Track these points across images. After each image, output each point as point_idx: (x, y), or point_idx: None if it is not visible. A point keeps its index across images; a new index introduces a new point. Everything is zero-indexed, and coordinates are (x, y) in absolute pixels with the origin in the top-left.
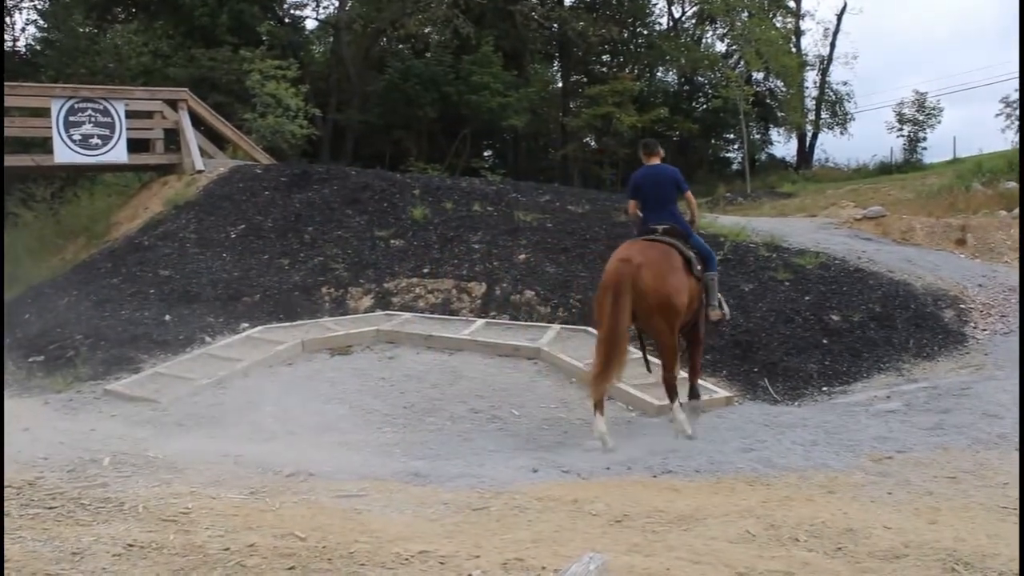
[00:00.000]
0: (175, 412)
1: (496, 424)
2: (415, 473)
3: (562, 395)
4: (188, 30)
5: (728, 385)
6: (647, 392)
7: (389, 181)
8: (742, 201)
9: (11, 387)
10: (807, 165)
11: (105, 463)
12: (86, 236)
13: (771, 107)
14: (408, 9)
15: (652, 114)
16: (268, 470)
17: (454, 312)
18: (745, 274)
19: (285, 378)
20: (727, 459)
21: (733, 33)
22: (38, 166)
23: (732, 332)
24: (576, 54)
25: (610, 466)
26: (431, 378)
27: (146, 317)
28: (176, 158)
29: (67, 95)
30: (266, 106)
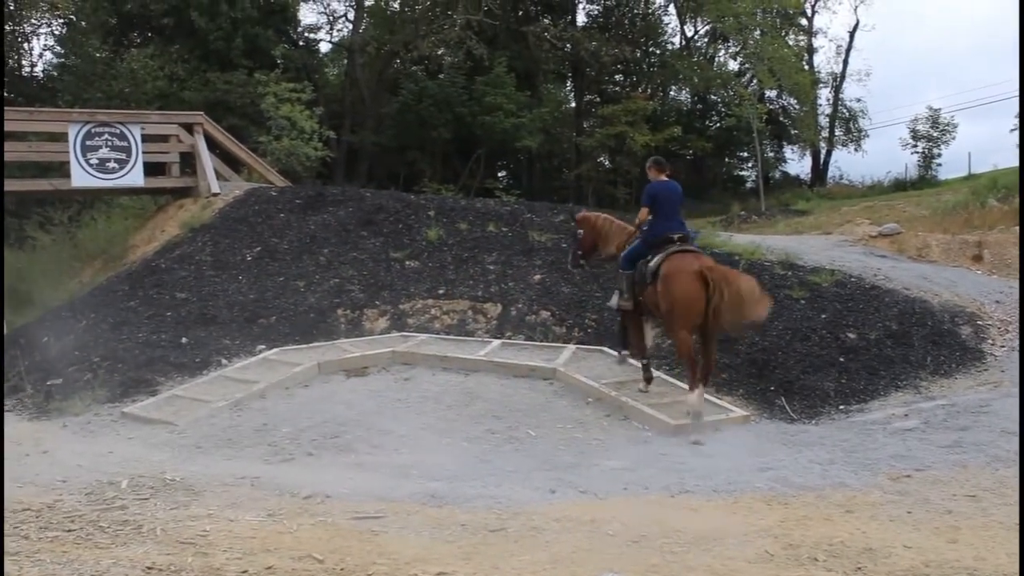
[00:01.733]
0: (192, 434)
1: (513, 445)
2: (432, 495)
3: (579, 415)
4: (203, 54)
5: (745, 404)
6: (663, 411)
7: (404, 202)
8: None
9: (29, 410)
10: (821, 182)
11: (123, 486)
12: (103, 259)
13: (785, 125)
14: (421, 31)
15: (665, 133)
16: (285, 492)
17: (470, 333)
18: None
19: (302, 400)
20: (745, 478)
21: (746, 51)
22: (56, 190)
23: (748, 351)
24: (589, 74)
25: (627, 486)
26: (447, 399)
27: (163, 340)
28: (192, 181)
29: (84, 119)
30: (281, 129)
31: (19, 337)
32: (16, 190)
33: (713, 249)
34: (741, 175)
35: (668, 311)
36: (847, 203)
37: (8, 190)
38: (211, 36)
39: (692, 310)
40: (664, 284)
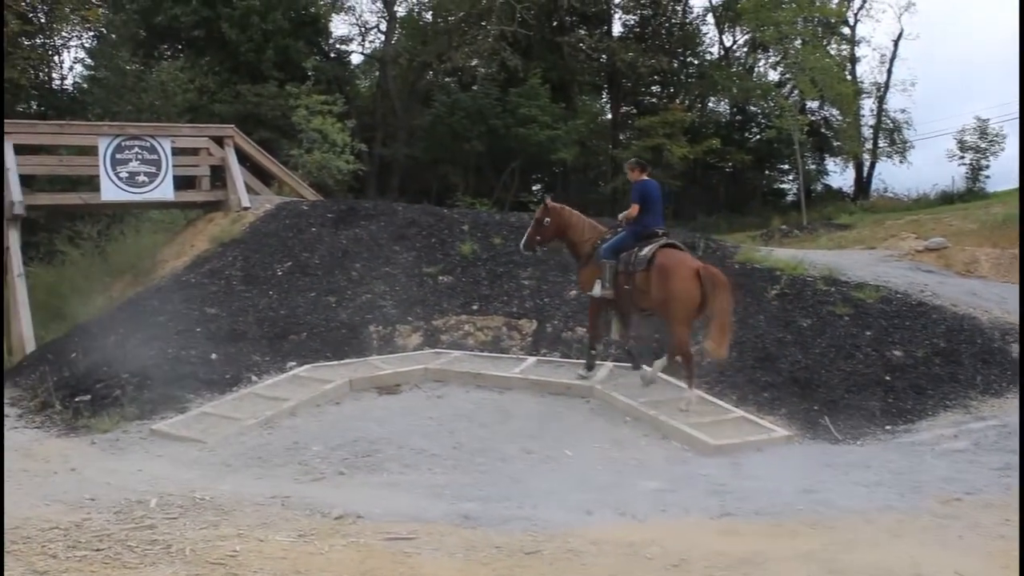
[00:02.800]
0: (222, 452)
1: (549, 465)
2: (465, 516)
3: (616, 434)
4: (234, 66)
5: (787, 424)
6: (703, 431)
7: (437, 216)
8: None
9: (58, 426)
10: (865, 196)
11: (152, 504)
12: (132, 274)
13: (827, 136)
14: (454, 42)
15: (704, 145)
16: (316, 512)
17: (504, 350)
18: (803, 309)
19: (333, 417)
20: (788, 500)
21: (786, 61)
22: (85, 204)
23: (791, 369)
24: (625, 85)
25: (666, 508)
26: (481, 417)
27: (192, 356)
28: (222, 195)
29: (114, 133)
30: (312, 141)
31: (48, 352)
32: (46, 204)
33: (753, 264)
34: (782, 188)
35: (663, 302)
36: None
37: (38, 204)
38: (242, 48)
39: (689, 305)
40: (661, 277)
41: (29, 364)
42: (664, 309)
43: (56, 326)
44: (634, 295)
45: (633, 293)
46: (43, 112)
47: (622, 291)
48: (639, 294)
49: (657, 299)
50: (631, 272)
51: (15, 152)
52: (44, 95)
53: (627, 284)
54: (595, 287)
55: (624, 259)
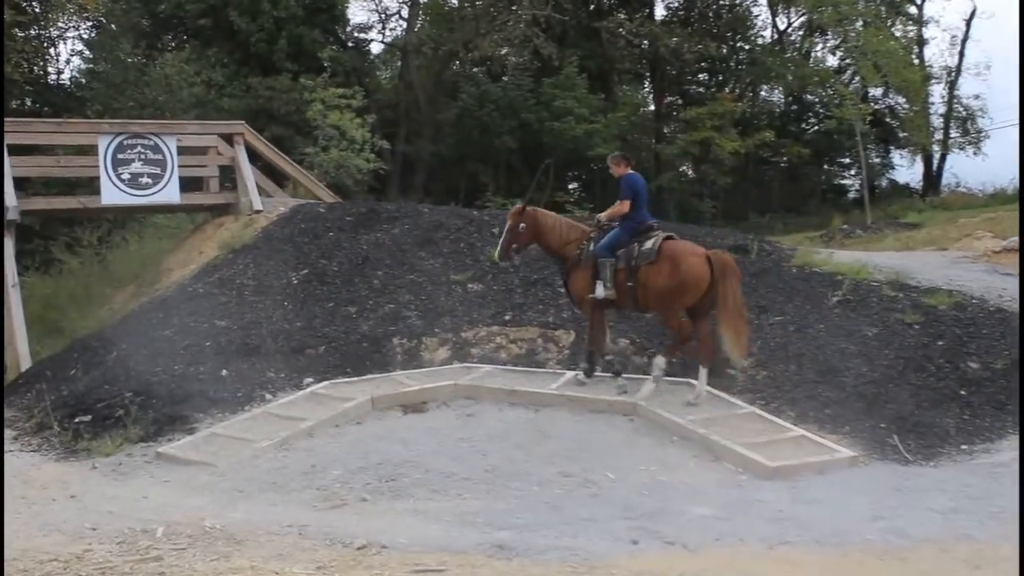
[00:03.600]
0: (233, 477)
1: (589, 489)
2: (499, 545)
3: (663, 455)
4: (244, 57)
5: (852, 443)
6: (759, 452)
7: (465, 219)
8: (861, 233)
9: (56, 449)
10: (935, 191)
11: (158, 534)
12: (135, 284)
13: (892, 127)
14: (483, 29)
15: (756, 138)
16: (337, 542)
17: (540, 364)
18: (868, 317)
19: (353, 438)
20: (853, 528)
21: (847, 45)
22: (84, 208)
23: (855, 383)
24: (670, 73)
25: (719, 536)
26: (515, 438)
27: (201, 372)
28: (232, 197)
29: (115, 131)
30: (329, 138)
31: (45, 369)
32: (42, 208)
33: (812, 268)
34: (843, 184)
35: (671, 291)
36: (965, 214)
37: (33, 208)
38: (252, 38)
39: (697, 292)
40: (672, 265)
41: (25, 382)
42: (669, 297)
43: (53, 341)
44: (638, 292)
45: (637, 290)
46: (38, 109)
47: (624, 289)
48: (644, 289)
49: (665, 288)
50: (634, 268)
51: (8, 153)
52: (39, 91)
53: (630, 281)
54: (597, 288)
55: (624, 255)
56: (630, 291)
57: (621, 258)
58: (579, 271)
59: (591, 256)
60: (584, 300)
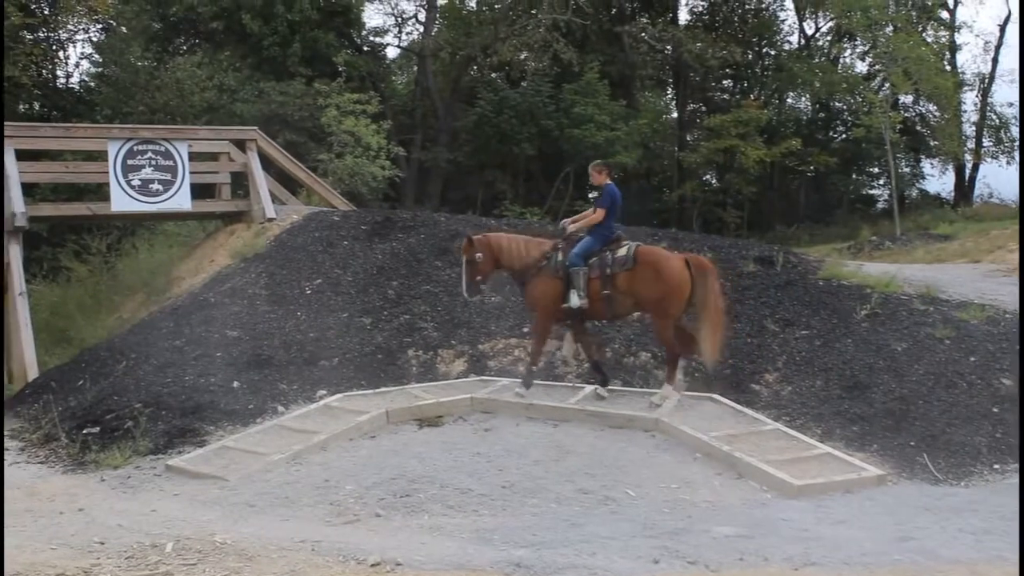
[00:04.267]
0: (245, 491)
1: (609, 507)
2: (517, 563)
3: (685, 473)
4: (257, 62)
5: (880, 461)
6: (785, 470)
7: (483, 228)
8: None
9: (63, 461)
10: (967, 202)
11: (168, 549)
12: (145, 292)
13: (923, 135)
14: (501, 33)
15: (782, 146)
16: (350, 558)
17: (558, 377)
18: (897, 331)
19: (367, 453)
20: (881, 549)
21: (876, 51)
22: (93, 215)
23: (884, 399)
24: (693, 80)
25: (743, 556)
26: (533, 453)
27: (212, 383)
28: (244, 205)
29: (125, 136)
30: (344, 145)
31: (52, 379)
32: (50, 215)
33: (840, 281)
34: (871, 194)
35: (658, 299)
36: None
37: (41, 215)
38: (265, 42)
39: (683, 298)
40: (654, 271)
41: (32, 392)
42: (657, 305)
43: (61, 350)
44: (614, 300)
45: (615, 298)
46: (47, 113)
47: (598, 298)
48: (621, 297)
49: (648, 296)
50: (610, 276)
51: (16, 158)
52: (48, 94)
53: (605, 289)
54: (572, 298)
55: (597, 264)
56: (605, 299)
57: (594, 267)
58: (539, 280)
59: (562, 266)
60: (542, 307)
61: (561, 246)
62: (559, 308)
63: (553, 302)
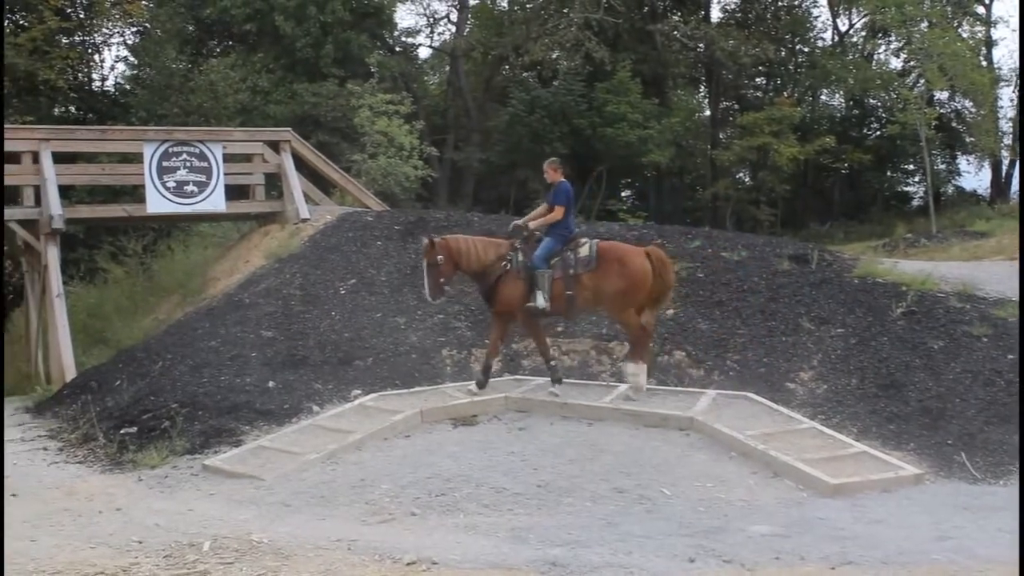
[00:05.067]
0: (280, 491)
1: (644, 505)
2: (552, 562)
3: (720, 471)
4: (290, 63)
5: (917, 460)
6: (821, 468)
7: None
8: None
9: (101, 461)
10: (1004, 199)
11: (205, 548)
12: (181, 293)
13: (958, 132)
14: (533, 33)
15: (816, 144)
16: (386, 557)
17: (593, 376)
18: (934, 329)
19: (402, 452)
20: (919, 548)
21: (911, 47)
22: (129, 216)
23: (920, 398)
24: (726, 78)
25: (779, 555)
26: (568, 452)
27: (247, 384)
28: (278, 205)
29: (160, 138)
30: (376, 145)
31: (90, 380)
32: (86, 217)
33: (875, 278)
34: (906, 192)
35: (623, 292)
36: None
37: (77, 217)
38: (298, 43)
39: (647, 285)
40: (620, 266)
41: (70, 393)
42: (621, 298)
43: (98, 351)
44: (577, 298)
45: (577, 297)
46: (82, 116)
47: (562, 297)
48: (585, 294)
49: (612, 291)
50: (573, 276)
51: (53, 160)
52: (83, 97)
53: (569, 290)
54: (538, 299)
55: (560, 265)
56: (568, 299)
57: (556, 267)
58: (508, 284)
59: (524, 267)
60: (506, 308)
61: (520, 246)
62: (521, 309)
63: (517, 303)
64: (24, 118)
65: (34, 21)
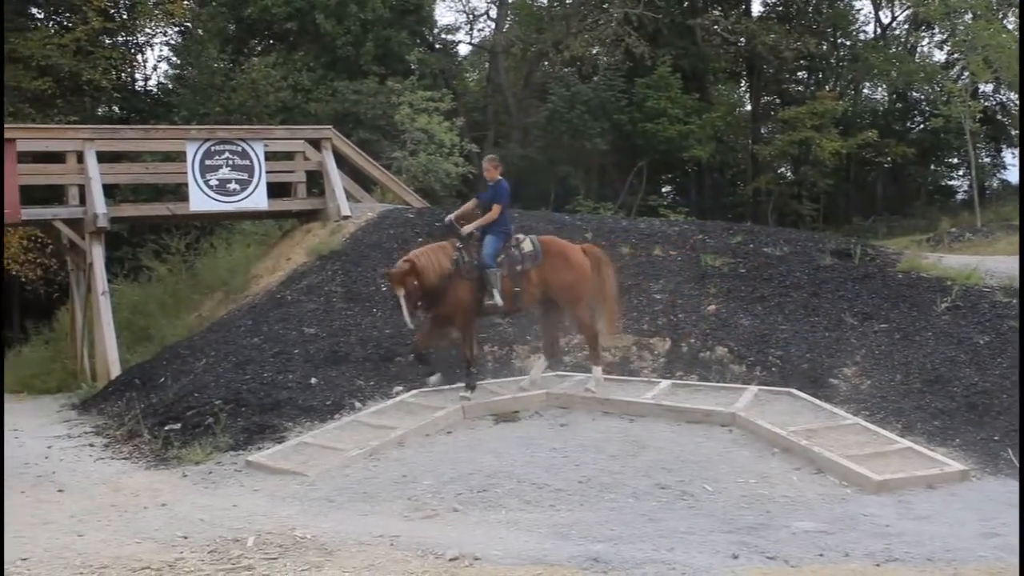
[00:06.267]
0: (323, 486)
1: (686, 502)
2: (594, 558)
3: (763, 468)
4: (330, 61)
5: (963, 456)
6: (865, 464)
7: (556, 224)
8: (971, 237)
9: (147, 457)
10: None
11: (249, 543)
12: (224, 291)
13: (1004, 124)
14: (573, 28)
15: (859, 138)
16: (428, 553)
17: (635, 372)
18: (979, 324)
19: (444, 448)
20: (965, 545)
21: (955, 39)
22: (172, 215)
23: (966, 393)
24: (767, 72)
25: (823, 552)
26: (610, 448)
27: (290, 380)
28: (320, 203)
29: (203, 137)
30: (417, 142)
31: (135, 377)
32: (130, 215)
33: (919, 273)
34: (950, 185)
35: (570, 286)
36: None
37: (121, 215)
38: (339, 41)
39: (589, 280)
40: (564, 261)
41: (115, 390)
42: (570, 290)
43: (143, 348)
44: (524, 293)
45: (524, 292)
46: (126, 116)
47: (510, 294)
48: (534, 289)
49: (561, 284)
50: (521, 272)
51: (98, 160)
52: (126, 97)
53: (517, 287)
54: (496, 297)
55: (506, 263)
56: (515, 296)
57: (503, 264)
58: (457, 285)
59: (471, 267)
60: (464, 311)
61: (460, 246)
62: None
63: (473, 303)
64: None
65: (78, 22)
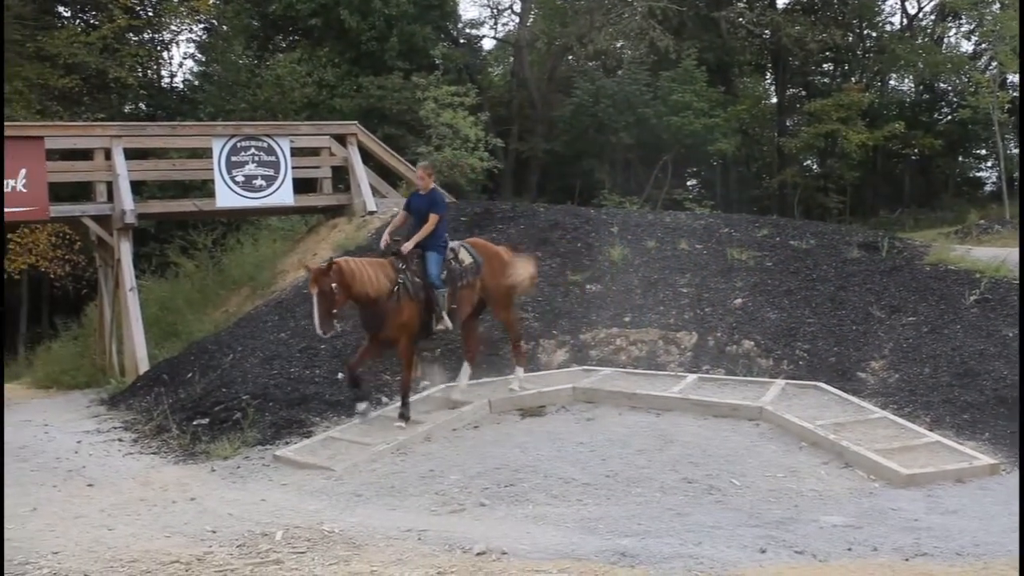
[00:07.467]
0: (351, 481)
1: (713, 496)
2: (622, 552)
3: (791, 462)
4: (355, 57)
5: (992, 450)
6: (893, 458)
7: (582, 218)
8: (1000, 229)
9: (175, 452)
10: None
11: (277, 537)
12: (250, 286)
13: None
14: (597, 22)
15: (885, 130)
16: (456, 547)
17: (661, 366)
18: (1008, 317)
19: (471, 443)
20: (995, 540)
21: (982, 29)
22: (199, 211)
23: (995, 386)
24: (792, 64)
25: (852, 546)
26: (636, 443)
27: (317, 375)
28: (345, 198)
29: (229, 133)
30: (442, 137)
31: (163, 372)
32: (157, 212)
33: (947, 265)
34: (979, 177)
35: (508, 290)
36: None
37: (149, 212)
38: (363, 36)
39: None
40: (501, 265)
41: (143, 385)
42: (507, 294)
43: (170, 344)
44: (462, 307)
45: (461, 306)
46: (152, 113)
47: (452, 311)
48: (470, 297)
49: (500, 286)
50: (464, 285)
51: (125, 157)
52: (153, 94)
53: (454, 303)
54: (446, 321)
55: (448, 279)
56: (453, 312)
57: (446, 282)
58: (402, 305)
59: (418, 287)
60: (410, 333)
61: (402, 266)
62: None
63: (419, 326)
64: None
65: (104, 19)
